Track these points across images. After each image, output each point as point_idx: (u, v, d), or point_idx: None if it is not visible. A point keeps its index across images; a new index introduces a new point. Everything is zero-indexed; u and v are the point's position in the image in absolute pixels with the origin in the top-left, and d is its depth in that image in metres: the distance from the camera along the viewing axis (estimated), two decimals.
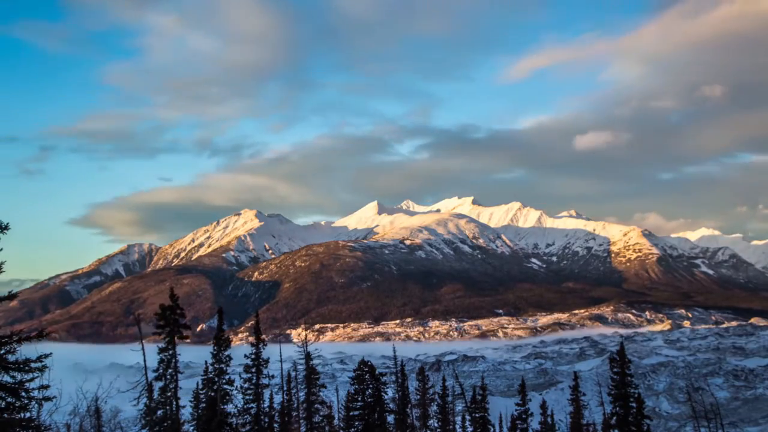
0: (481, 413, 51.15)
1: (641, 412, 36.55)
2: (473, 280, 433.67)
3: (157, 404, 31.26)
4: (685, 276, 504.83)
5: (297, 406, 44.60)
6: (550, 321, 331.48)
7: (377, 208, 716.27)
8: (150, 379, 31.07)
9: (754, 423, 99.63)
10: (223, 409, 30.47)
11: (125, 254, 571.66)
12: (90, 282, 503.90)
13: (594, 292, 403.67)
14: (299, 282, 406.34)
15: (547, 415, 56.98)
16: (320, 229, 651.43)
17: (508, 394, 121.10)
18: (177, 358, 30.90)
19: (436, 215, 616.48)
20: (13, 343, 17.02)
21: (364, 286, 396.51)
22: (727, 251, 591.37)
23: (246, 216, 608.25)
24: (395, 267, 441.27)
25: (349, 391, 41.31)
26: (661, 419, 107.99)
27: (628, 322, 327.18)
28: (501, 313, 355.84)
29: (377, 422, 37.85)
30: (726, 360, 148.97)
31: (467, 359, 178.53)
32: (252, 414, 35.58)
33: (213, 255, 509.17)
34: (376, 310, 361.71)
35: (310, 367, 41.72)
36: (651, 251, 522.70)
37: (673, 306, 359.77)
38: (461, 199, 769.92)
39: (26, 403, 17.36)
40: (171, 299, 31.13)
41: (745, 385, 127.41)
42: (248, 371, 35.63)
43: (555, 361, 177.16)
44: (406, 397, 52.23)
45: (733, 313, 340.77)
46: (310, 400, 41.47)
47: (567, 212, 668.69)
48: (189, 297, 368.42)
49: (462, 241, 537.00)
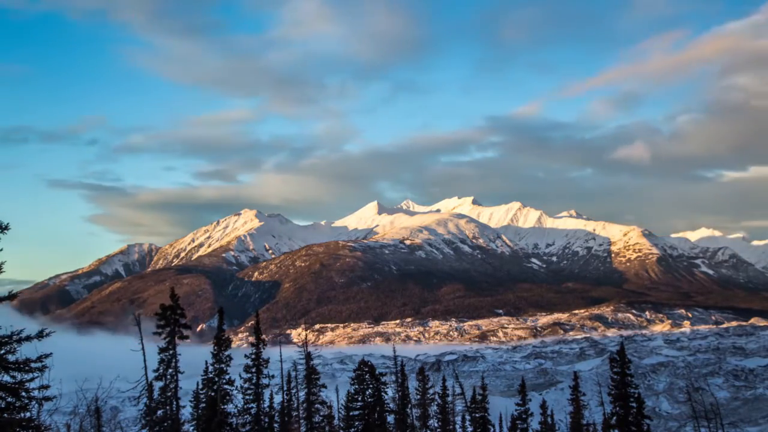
0: (481, 413, 51.18)
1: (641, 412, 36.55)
2: (473, 280, 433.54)
3: (157, 404, 31.27)
4: (685, 276, 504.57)
5: (297, 406, 44.59)
6: (550, 321, 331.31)
7: (377, 208, 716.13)
8: (150, 379, 31.09)
9: (754, 423, 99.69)
10: (223, 409, 30.46)
11: (125, 254, 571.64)
12: (90, 282, 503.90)
13: (594, 292, 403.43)
14: (299, 282, 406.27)
15: (547, 415, 57.01)
16: (320, 229, 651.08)
17: (508, 394, 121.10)
18: (177, 358, 30.92)
19: (436, 215, 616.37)
20: (13, 343, 17.02)
21: (364, 286, 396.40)
22: (727, 251, 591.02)
23: (246, 216, 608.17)
24: (395, 267, 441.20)
25: (349, 391, 41.32)
26: (661, 419, 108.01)
27: (628, 322, 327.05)
28: (501, 313, 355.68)
29: (377, 422, 37.86)
30: (726, 360, 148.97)
31: (467, 359, 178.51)
32: (252, 414, 35.58)
33: (213, 255, 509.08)
34: (376, 310, 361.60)
35: (310, 367, 41.73)
36: (651, 251, 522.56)
37: (673, 306, 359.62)
38: (461, 199, 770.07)
39: (26, 403, 17.36)
40: (171, 299, 31.17)
41: (745, 385, 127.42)
42: (248, 371, 35.64)
43: (555, 361, 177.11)
44: (406, 397, 52.25)
45: (733, 313, 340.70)
46: (310, 400, 41.47)
47: (567, 212, 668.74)
48: (189, 297, 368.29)
49: (462, 241, 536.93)
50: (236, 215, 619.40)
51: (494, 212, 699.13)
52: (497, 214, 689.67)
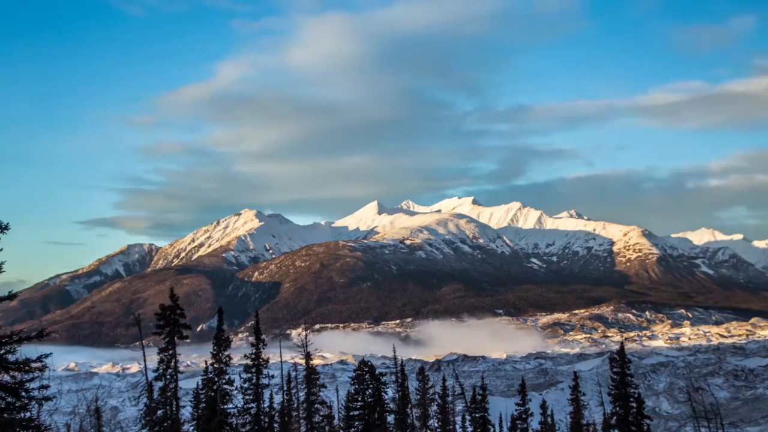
0: (481, 413, 51.21)
1: (641, 412, 36.59)
2: (473, 280, 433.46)
3: (157, 404, 31.29)
4: (685, 276, 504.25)
5: (297, 406, 44.61)
6: (550, 321, 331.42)
7: (377, 208, 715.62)
8: (150, 379, 31.11)
9: (754, 423, 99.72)
10: (223, 409, 30.48)
11: (125, 254, 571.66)
12: (90, 282, 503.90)
13: (594, 292, 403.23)
14: (299, 282, 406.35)
15: (547, 415, 57.05)
16: (320, 229, 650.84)
17: (508, 394, 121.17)
18: (177, 358, 30.94)
19: (436, 215, 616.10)
20: (13, 343, 17.04)
21: (364, 286, 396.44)
22: (727, 251, 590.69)
23: (246, 216, 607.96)
24: (395, 267, 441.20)
25: (349, 391, 41.33)
26: (661, 419, 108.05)
27: (629, 322, 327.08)
28: (501, 313, 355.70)
29: (377, 422, 37.87)
30: (726, 360, 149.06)
31: (467, 359, 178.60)
32: (252, 414, 35.59)
33: (213, 255, 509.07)
34: (376, 310, 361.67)
35: (310, 367, 41.75)
36: (651, 251, 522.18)
37: (673, 306, 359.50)
38: (461, 199, 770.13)
39: (26, 403, 17.38)
40: (171, 299, 31.17)
41: (745, 385, 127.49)
42: (248, 371, 35.65)
43: (555, 361, 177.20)
44: (406, 397, 52.25)
45: (734, 313, 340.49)
46: (310, 400, 41.49)
47: (567, 212, 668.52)
48: (189, 297, 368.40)
49: (462, 241, 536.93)
50: (236, 215, 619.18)
51: (494, 212, 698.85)
52: (497, 214, 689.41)
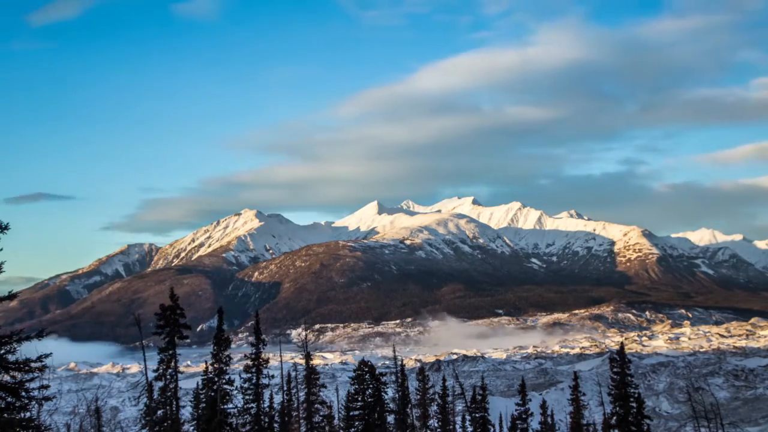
0: (481, 413, 51.24)
1: (641, 412, 36.60)
2: (473, 280, 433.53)
3: (157, 404, 31.29)
4: (685, 276, 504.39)
5: (297, 406, 44.61)
6: (550, 321, 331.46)
7: (377, 208, 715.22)
8: (150, 379, 31.11)
9: (754, 423, 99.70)
10: (223, 409, 30.48)
11: (125, 254, 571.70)
12: (90, 282, 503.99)
13: (594, 292, 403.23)
14: (299, 282, 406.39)
15: (547, 415, 57.04)
16: (320, 229, 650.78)
17: (508, 394, 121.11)
18: (177, 358, 30.94)
19: (436, 215, 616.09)
20: (13, 343, 17.04)
21: (364, 286, 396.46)
22: (727, 251, 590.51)
23: (246, 216, 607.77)
24: (395, 267, 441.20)
25: (349, 391, 41.34)
26: (661, 419, 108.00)
27: (629, 322, 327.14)
28: (501, 313, 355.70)
29: (377, 422, 37.88)
30: (726, 360, 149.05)
31: (467, 359, 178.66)
32: (252, 414, 35.60)
33: (213, 255, 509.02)
34: (376, 310, 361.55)
35: (310, 367, 41.76)
36: (651, 251, 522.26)
37: (673, 306, 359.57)
38: (461, 199, 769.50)
39: (26, 403, 17.38)
40: (171, 299, 31.17)
41: (745, 385, 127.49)
42: (248, 371, 35.65)
43: (555, 361, 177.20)
44: (406, 397, 52.26)
45: (734, 313, 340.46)
46: (310, 400, 41.50)
47: (567, 212, 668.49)
48: (189, 297, 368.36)
49: (462, 241, 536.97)
50: (236, 215, 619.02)
51: (494, 212, 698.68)
52: (497, 214, 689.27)
